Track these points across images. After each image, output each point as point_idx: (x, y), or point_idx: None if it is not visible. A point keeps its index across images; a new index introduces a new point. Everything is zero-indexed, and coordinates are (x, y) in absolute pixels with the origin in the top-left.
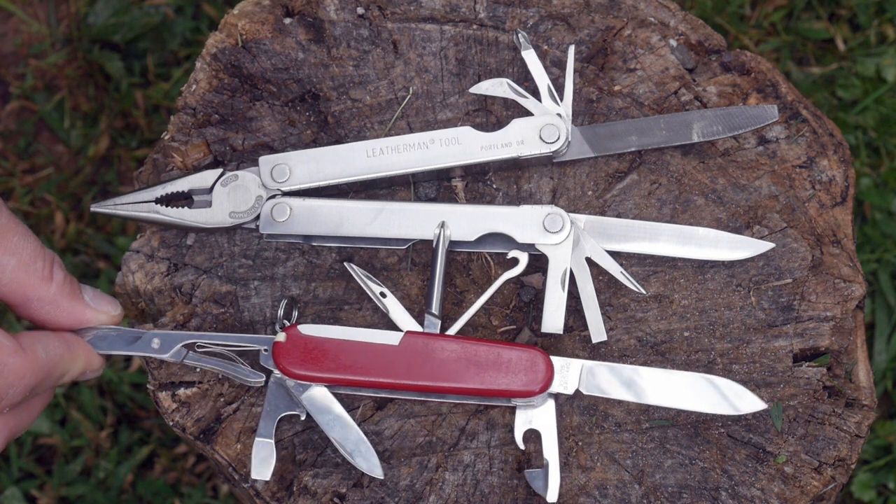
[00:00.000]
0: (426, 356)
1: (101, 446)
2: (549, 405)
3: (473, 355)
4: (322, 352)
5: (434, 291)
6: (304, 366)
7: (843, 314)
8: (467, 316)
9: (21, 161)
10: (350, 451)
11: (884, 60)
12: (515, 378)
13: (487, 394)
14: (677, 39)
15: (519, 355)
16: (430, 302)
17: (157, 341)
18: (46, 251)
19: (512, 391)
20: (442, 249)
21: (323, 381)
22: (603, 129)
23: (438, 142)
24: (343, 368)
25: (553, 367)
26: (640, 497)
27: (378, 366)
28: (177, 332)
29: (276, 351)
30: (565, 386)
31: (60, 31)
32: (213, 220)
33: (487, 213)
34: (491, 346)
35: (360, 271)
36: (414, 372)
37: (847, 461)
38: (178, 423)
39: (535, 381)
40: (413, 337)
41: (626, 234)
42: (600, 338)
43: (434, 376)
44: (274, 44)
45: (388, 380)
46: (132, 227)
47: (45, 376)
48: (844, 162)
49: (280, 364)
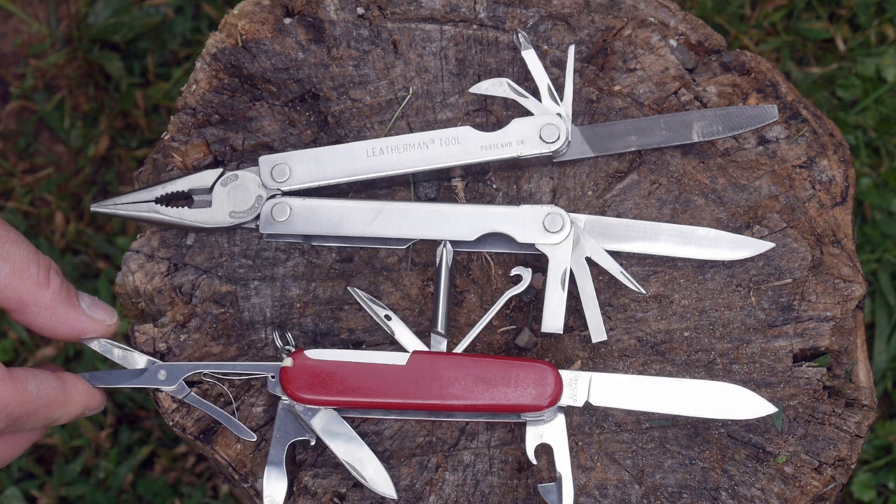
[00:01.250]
0: (434, 375)
1: (101, 446)
2: (559, 419)
3: (481, 372)
4: (329, 375)
5: (440, 310)
6: (312, 390)
7: (843, 314)
8: (473, 334)
9: (21, 161)
10: (363, 474)
11: (884, 60)
12: (524, 393)
13: (497, 409)
14: (677, 39)
15: (527, 370)
16: (435, 320)
17: (164, 373)
18: (42, 257)
19: (521, 406)
20: (445, 268)
21: (332, 404)
22: (603, 128)
23: (438, 141)
24: (351, 391)
25: (562, 381)
26: (640, 497)
27: (386, 387)
28: (183, 364)
29: (284, 377)
30: (574, 399)
31: (60, 31)
32: (213, 219)
33: (487, 212)
34: (498, 362)
35: (364, 295)
36: (423, 391)
37: (847, 461)
38: (178, 423)
39: (543, 396)
40: (420, 356)
41: (626, 233)
42: (600, 338)
43: (443, 395)
44: (274, 44)
45: (397, 400)
46: (132, 227)
47: (31, 412)
48: (844, 162)
49: (288, 389)
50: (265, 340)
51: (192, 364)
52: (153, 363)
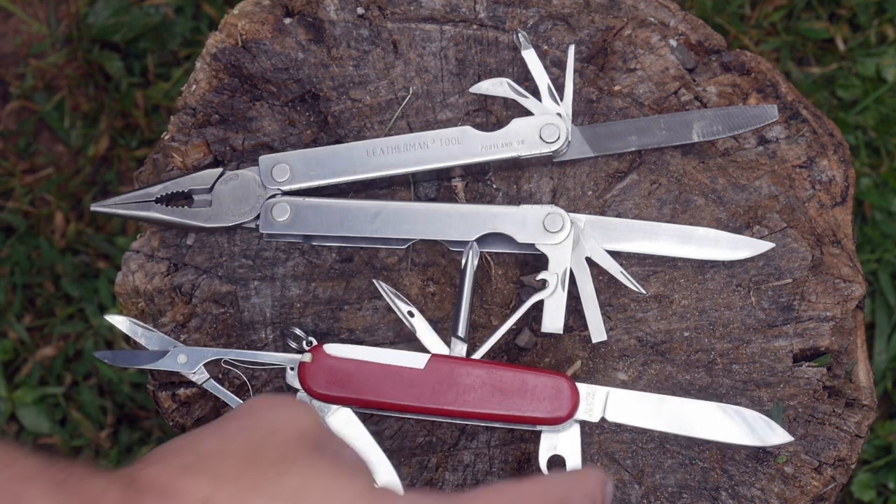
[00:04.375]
0: (451, 381)
1: (101, 446)
2: (574, 430)
3: (499, 381)
4: (347, 373)
5: (461, 314)
6: (328, 387)
7: (843, 314)
8: (493, 340)
9: (21, 161)
10: (374, 475)
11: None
12: (541, 405)
13: (512, 420)
14: (677, 39)
15: (545, 382)
16: (456, 325)
17: (184, 357)
18: None
19: (537, 418)
20: (471, 271)
21: (347, 402)
22: (603, 128)
23: (438, 141)
24: (367, 391)
25: (578, 395)
26: (640, 497)
27: (402, 389)
28: (204, 349)
29: (302, 372)
30: (590, 413)
31: (60, 31)
32: (213, 219)
33: (487, 213)
34: (516, 372)
35: (390, 289)
36: (439, 397)
37: (847, 461)
38: (178, 423)
39: (560, 409)
40: (438, 361)
41: (626, 234)
42: (600, 338)
43: (459, 402)
44: (274, 44)
45: (412, 403)
46: (132, 227)
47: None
48: (844, 162)
49: (305, 385)
50: (265, 340)
51: (213, 350)
52: (175, 346)
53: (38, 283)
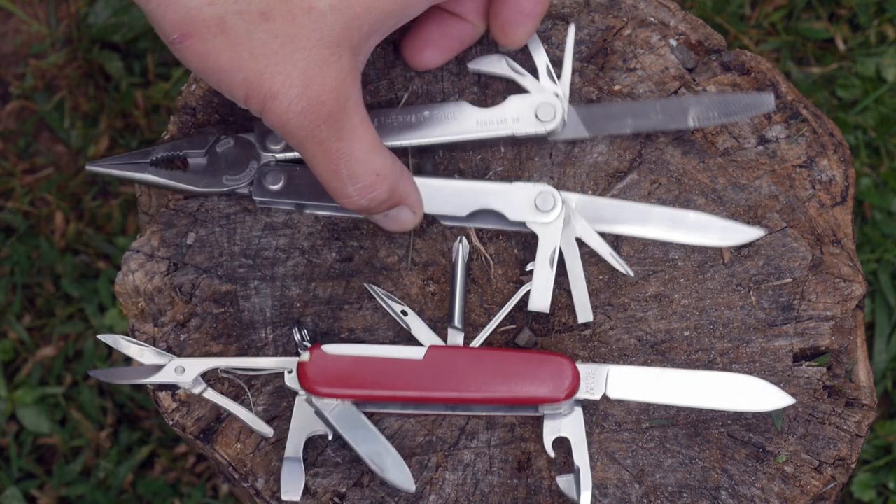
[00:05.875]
0: (451, 368)
1: (101, 446)
2: (577, 413)
3: (498, 365)
4: (347, 369)
5: (455, 304)
6: (329, 384)
7: (843, 314)
8: (489, 329)
9: (21, 161)
10: (381, 466)
11: (884, 60)
12: (541, 386)
13: (514, 402)
14: (677, 39)
15: (544, 363)
16: (452, 315)
17: (180, 369)
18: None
19: (538, 398)
20: (462, 262)
21: (349, 397)
22: (599, 109)
23: (434, 116)
24: (369, 384)
25: (579, 373)
26: (640, 496)
27: (403, 380)
28: (199, 360)
29: (301, 371)
30: (592, 392)
31: (60, 31)
32: (206, 184)
33: (479, 189)
34: (515, 355)
35: (381, 291)
36: (440, 384)
37: (847, 461)
38: (178, 422)
39: (561, 388)
40: (437, 350)
41: (617, 215)
42: (587, 318)
43: (460, 388)
44: None
45: (414, 393)
46: (132, 227)
47: None
48: (844, 162)
49: (306, 384)
50: (265, 340)
51: (208, 360)
52: (170, 359)
53: (38, 283)
